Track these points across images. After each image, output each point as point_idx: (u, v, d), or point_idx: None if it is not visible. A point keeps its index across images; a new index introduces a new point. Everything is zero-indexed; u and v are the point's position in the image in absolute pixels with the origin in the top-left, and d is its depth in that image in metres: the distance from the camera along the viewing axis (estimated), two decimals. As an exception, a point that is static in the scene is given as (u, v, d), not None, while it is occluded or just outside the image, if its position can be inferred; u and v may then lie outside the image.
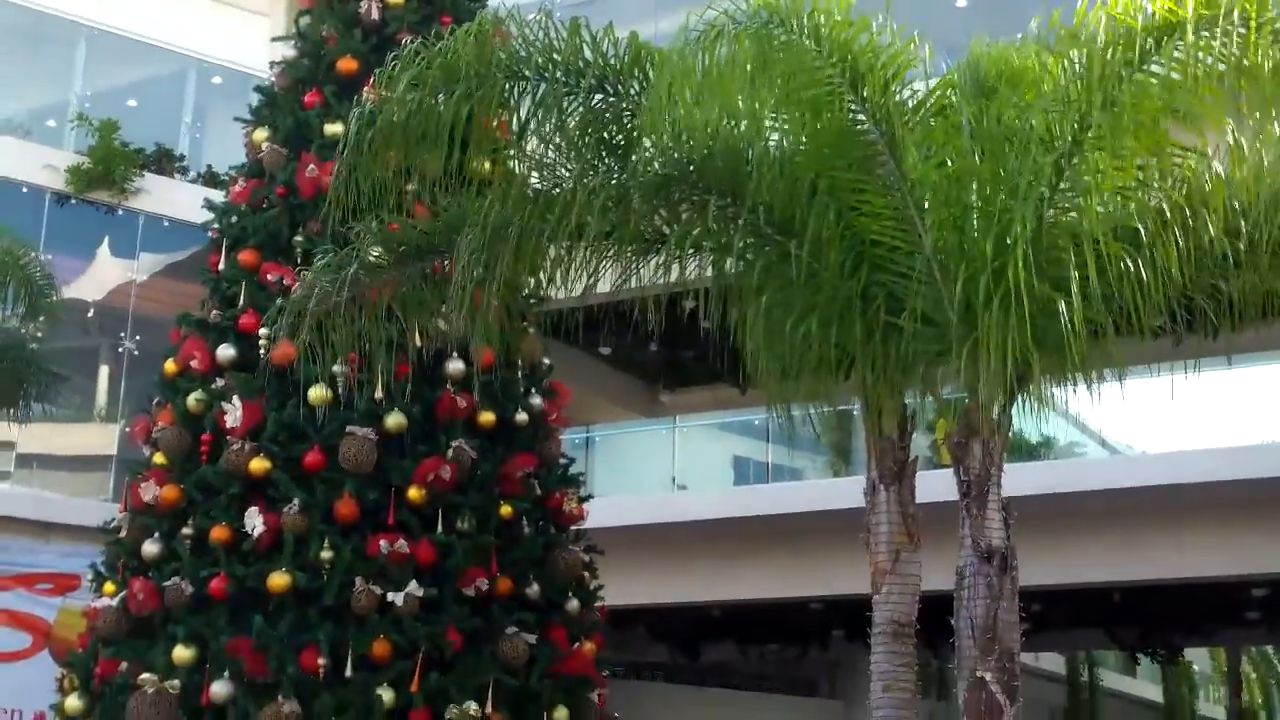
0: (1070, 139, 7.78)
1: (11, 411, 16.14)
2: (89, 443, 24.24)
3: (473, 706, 11.24)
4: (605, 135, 8.54)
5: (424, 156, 9.30)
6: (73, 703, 11.94)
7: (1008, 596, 7.93)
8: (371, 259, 9.44)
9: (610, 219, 8.38)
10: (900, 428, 9.07)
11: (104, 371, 25.05)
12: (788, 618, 25.06)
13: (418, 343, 11.59)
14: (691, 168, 8.28)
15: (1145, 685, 41.02)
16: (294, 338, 9.77)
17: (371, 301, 9.65)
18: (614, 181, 8.41)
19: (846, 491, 16.59)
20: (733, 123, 8.21)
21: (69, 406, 24.65)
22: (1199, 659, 39.68)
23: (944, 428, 16.92)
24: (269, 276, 12.46)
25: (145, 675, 11.28)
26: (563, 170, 8.79)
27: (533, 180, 9.05)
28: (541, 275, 9.60)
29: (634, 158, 8.48)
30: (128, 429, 15.27)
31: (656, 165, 7.96)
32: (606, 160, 8.60)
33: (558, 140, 8.83)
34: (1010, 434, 8.61)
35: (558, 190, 8.51)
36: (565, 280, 9.36)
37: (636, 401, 28.32)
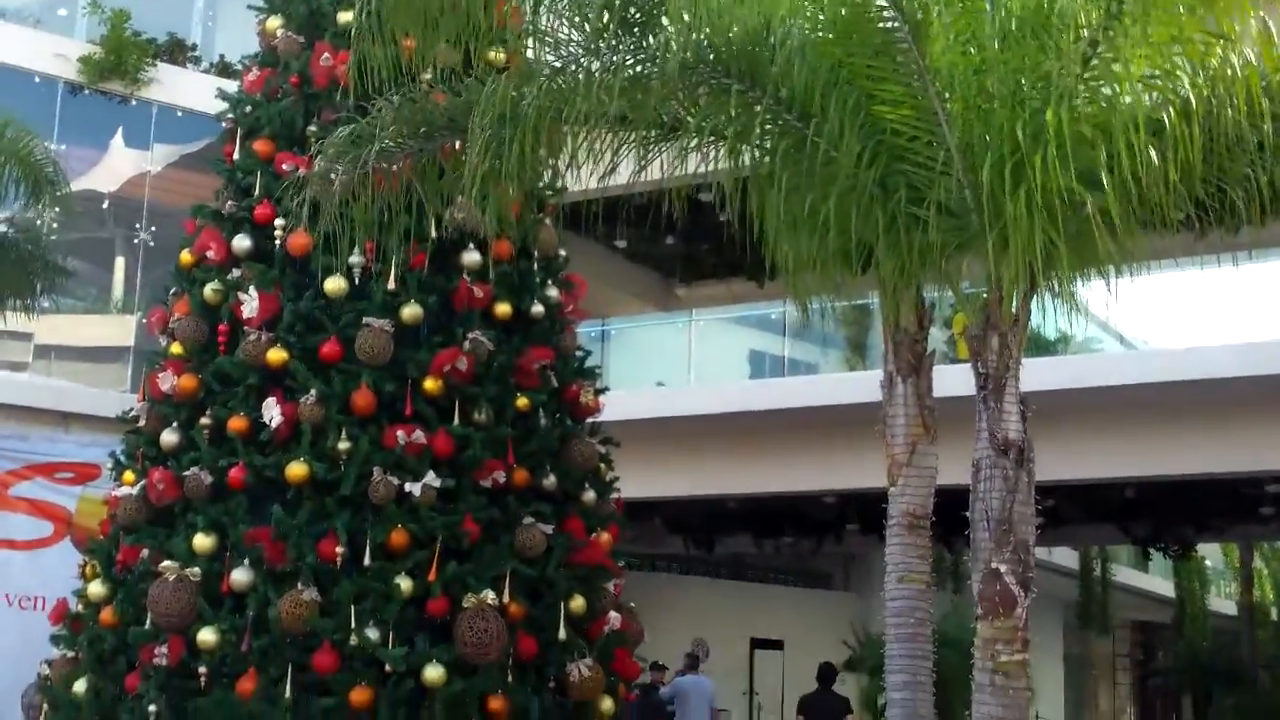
0: (1098, 25, 7.63)
1: (20, 304, 16.13)
2: (106, 334, 24.29)
3: (490, 596, 11.35)
4: (625, 15, 8.38)
5: (440, 42, 9.16)
6: (95, 589, 12.09)
7: (1024, 489, 7.93)
8: (388, 142, 9.32)
9: (628, 101, 8.25)
10: (918, 320, 9.04)
11: (120, 263, 25.03)
12: (803, 511, 25.18)
13: (433, 233, 11.55)
14: (712, 53, 8.15)
15: (1157, 580, 41.28)
16: (309, 223, 9.71)
17: (387, 188, 9.57)
18: (632, 62, 8.27)
19: (862, 385, 16.59)
20: (754, 6, 8.06)
21: (85, 298, 24.69)
22: (1211, 554, 39.88)
23: (961, 322, 16.85)
24: (284, 166, 12.39)
25: (166, 563, 11.41)
26: (579, 50, 8.62)
27: (549, 58, 8.88)
28: (558, 162, 9.49)
29: (652, 40, 8.33)
30: (144, 320, 15.26)
31: (676, 48, 7.81)
32: (624, 40, 8.44)
33: (575, 17, 8.65)
34: (1028, 329, 8.56)
35: (575, 67, 8.35)
36: (582, 170, 9.26)
37: (652, 295, 28.28)
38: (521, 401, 12.24)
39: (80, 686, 11.71)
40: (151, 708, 11.16)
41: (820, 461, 20.20)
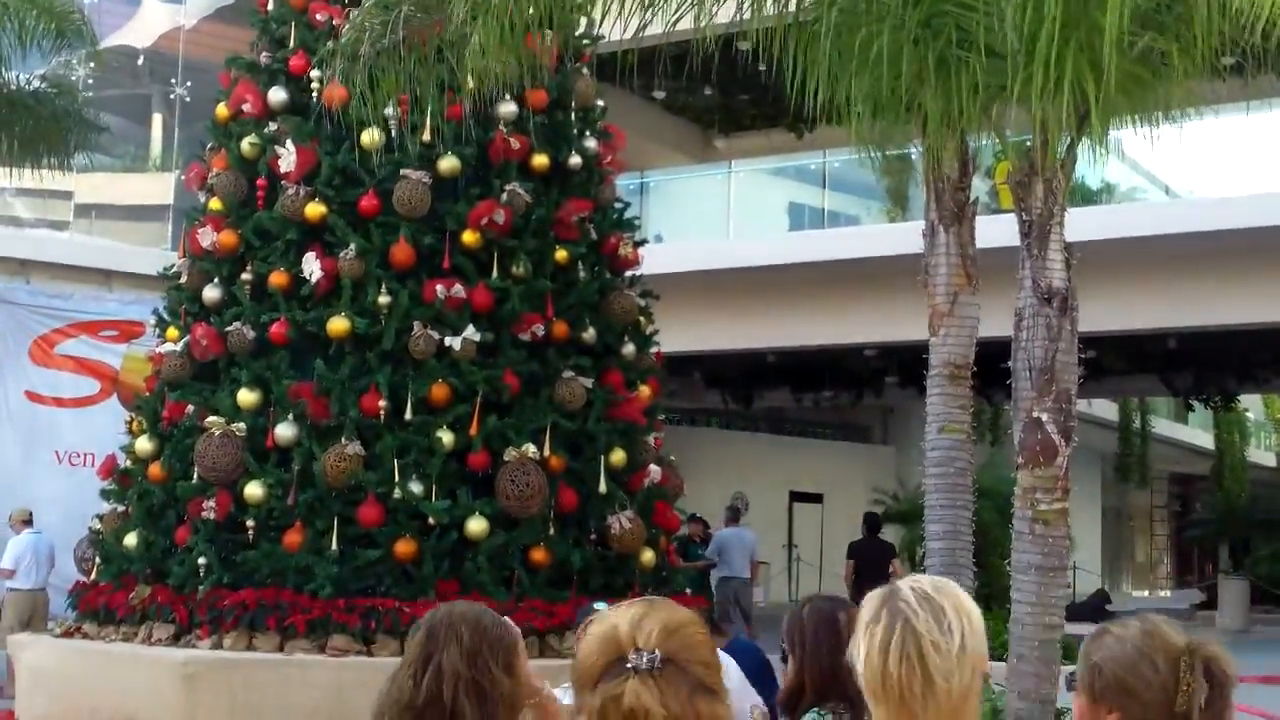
0: None
1: (54, 160, 16.11)
2: (146, 191, 24.32)
3: (530, 449, 11.43)
4: None
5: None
6: (142, 445, 12.25)
7: (1066, 338, 7.84)
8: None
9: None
10: (961, 168, 8.87)
11: (157, 119, 24.98)
12: (842, 364, 25.17)
13: (470, 84, 11.40)
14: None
15: (1196, 432, 41.25)
16: (345, 82, 9.59)
17: (422, 42, 9.42)
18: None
19: (903, 236, 16.43)
20: None
21: (123, 156, 24.68)
22: (1252, 406, 39.77)
23: (1004, 171, 16.63)
24: (318, 16, 12.25)
25: (211, 418, 11.53)
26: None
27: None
28: (592, 10, 9.29)
29: None
30: (183, 177, 15.24)
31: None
32: None
33: None
34: (1072, 179, 8.41)
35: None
36: (618, 17, 9.07)
37: (691, 146, 28.00)
38: (560, 254, 12.20)
39: (131, 540, 11.92)
40: (201, 560, 11.37)
41: (860, 314, 20.13)
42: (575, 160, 12.63)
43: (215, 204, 12.38)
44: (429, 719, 2.88)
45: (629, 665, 1.95)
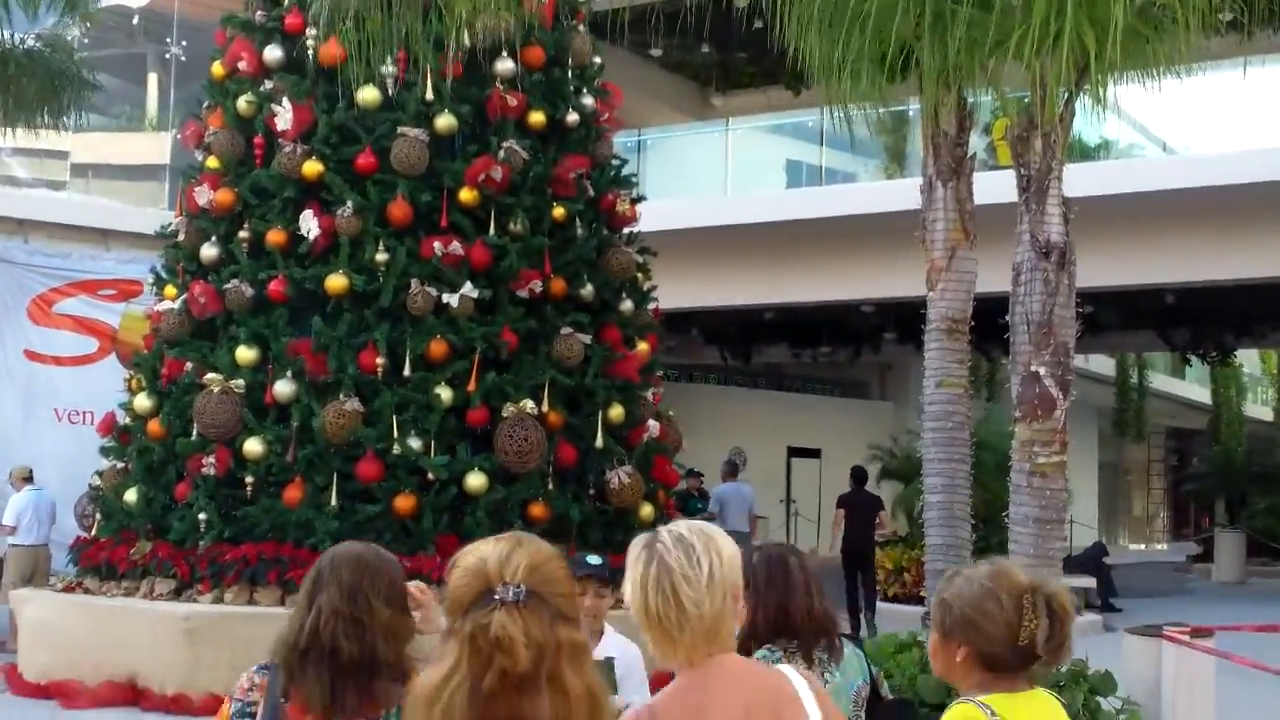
0: None
1: (49, 119, 16.06)
2: (142, 151, 24.25)
3: (529, 404, 11.48)
4: None
5: None
6: (141, 402, 12.28)
7: (1064, 292, 7.86)
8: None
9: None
10: (958, 123, 8.87)
11: (152, 79, 24.88)
12: (840, 321, 25.17)
13: (465, 40, 11.37)
14: None
15: (1193, 387, 41.30)
16: (336, 35, 9.56)
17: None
18: None
19: (901, 193, 16.40)
20: None
21: (119, 116, 24.60)
22: (1249, 361, 39.79)
23: (1003, 127, 16.58)
24: (312, -26, 12.20)
25: (210, 375, 11.57)
26: None
27: None
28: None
29: None
30: (179, 136, 15.20)
31: None
32: None
33: None
34: (1070, 135, 8.40)
35: None
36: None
37: (688, 104, 27.88)
38: (558, 211, 12.21)
39: (131, 496, 11.97)
40: (201, 515, 11.43)
41: (858, 271, 20.13)
42: (572, 117, 12.61)
43: (212, 162, 12.36)
44: (313, 657, 3.15)
45: (496, 597, 2.12)
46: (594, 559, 5.11)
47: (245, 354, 11.60)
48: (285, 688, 3.18)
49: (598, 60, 13.28)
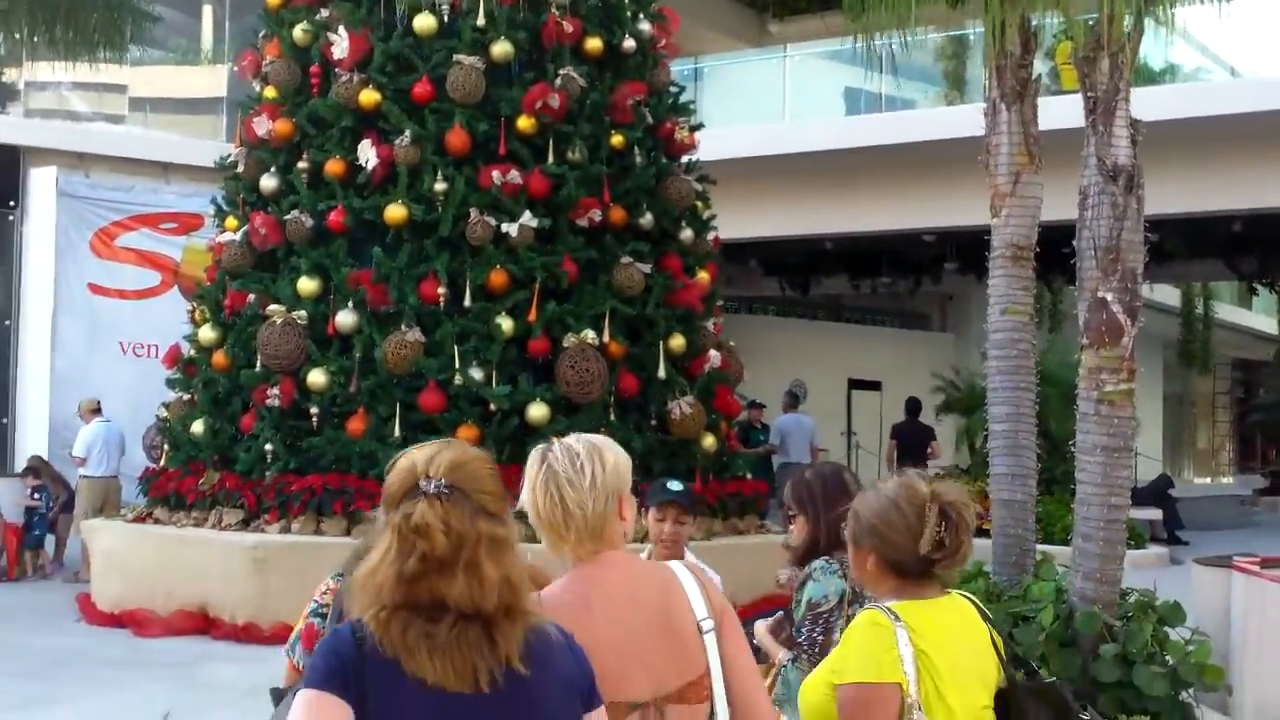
0: None
1: (109, 51, 16.08)
2: (199, 85, 24.29)
3: (590, 334, 11.45)
4: None
5: None
6: (206, 334, 12.37)
7: (1132, 216, 7.71)
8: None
9: None
10: (1023, 43, 8.70)
11: (207, 11, 24.87)
12: (900, 251, 24.91)
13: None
14: None
15: (1259, 318, 40.72)
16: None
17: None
18: None
19: (962, 120, 16.16)
20: None
21: (176, 50, 24.63)
22: (1317, 290, 39.15)
23: (1066, 50, 16.30)
24: (367, -99, 12.12)
25: (273, 306, 11.62)
26: None
27: None
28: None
29: None
30: (236, 69, 15.20)
31: None
32: None
33: None
34: (1138, 55, 8.21)
35: None
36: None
37: (745, 31, 27.57)
38: (616, 139, 12.12)
39: (198, 427, 12.08)
40: (267, 447, 11.53)
41: (919, 199, 19.89)
42: (629, 44, 12.50)
43: (269, 92, 12.36)
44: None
45: (420, 490, 2.39)
46: (675, 484, 5.08)
47: (307, 285, 11.64)
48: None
49: (654, -16, 13.14)
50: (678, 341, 12.19)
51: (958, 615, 3.22)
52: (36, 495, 14.78)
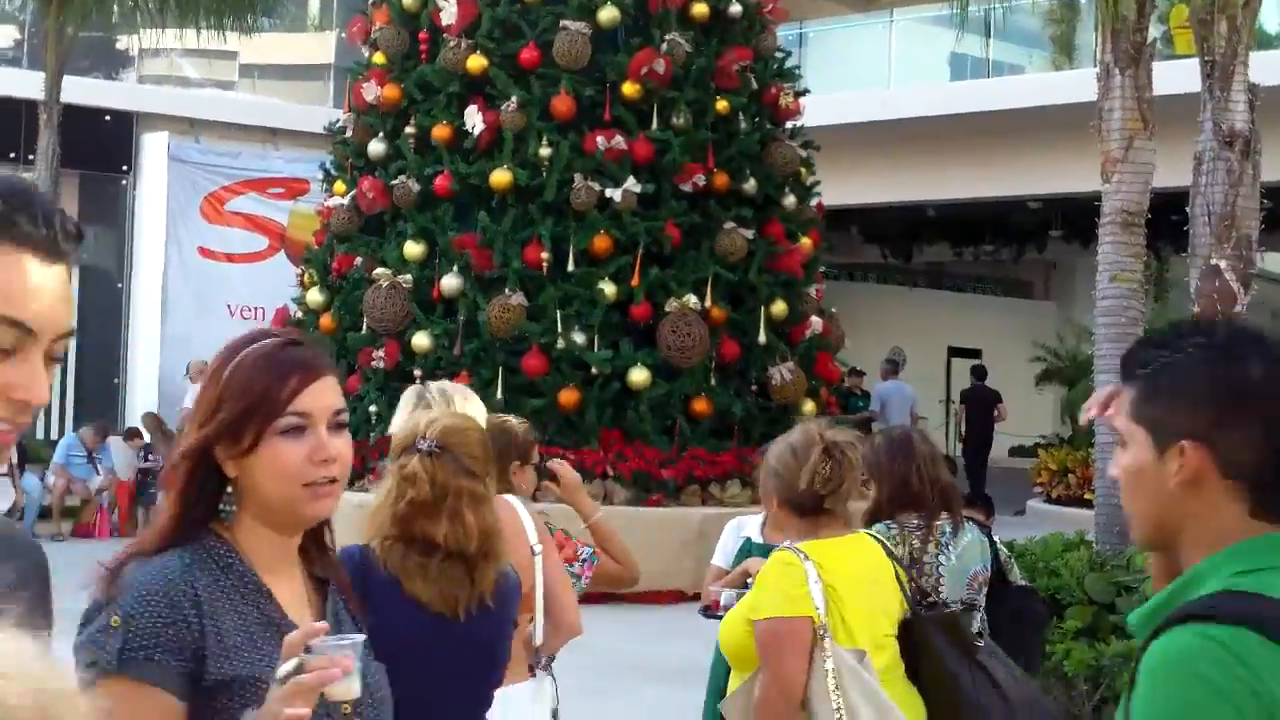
0: None
1: (237, 24, 16.33)
2: (306, 51, 24.59)
3: (692, 299, 11.48)
4: None
5: None
6: (314, 296, 12.56)
7: (1248, 182, 7.60)
8: None
9: None
10: (1139, 6, 8.57)
11: (315, -21, 25.15)
12: (1004, 218, 24.62)
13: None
14: None
15: (1375, 287, 39.84)
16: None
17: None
18: None
19: (1070, 85, 15.94)
20: None
21: (283, 18, 24.93)
22: None
23: (1181, 14, 15.99)
24: None
25: (379, 269, 11.77)
26: None
27: None
28: None
29: None
30: (343, 35, 15.35)
31: None
32: None
33: None
34: (1255, 20, 8.06)
35: None
36: None
37: (850, -4, 27.38)
38: (721, 104, 12.10)
39: (305, 388, 12.27)
40: (372, 408, 11.70)
41: (1024, 165, 19.63)
42: (735, 9, 12.45)
43: (378, 58, 12.49)
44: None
45: (416, 448, 2.88)
46: None
47: (413, 249, 11.78)
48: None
49: (760, -50, 13.07)
50: (779, 307, 12.18)
51: (863, 553, 3.47)
52: (150, 457, 15.10)
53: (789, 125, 12.91)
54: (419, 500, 2.84)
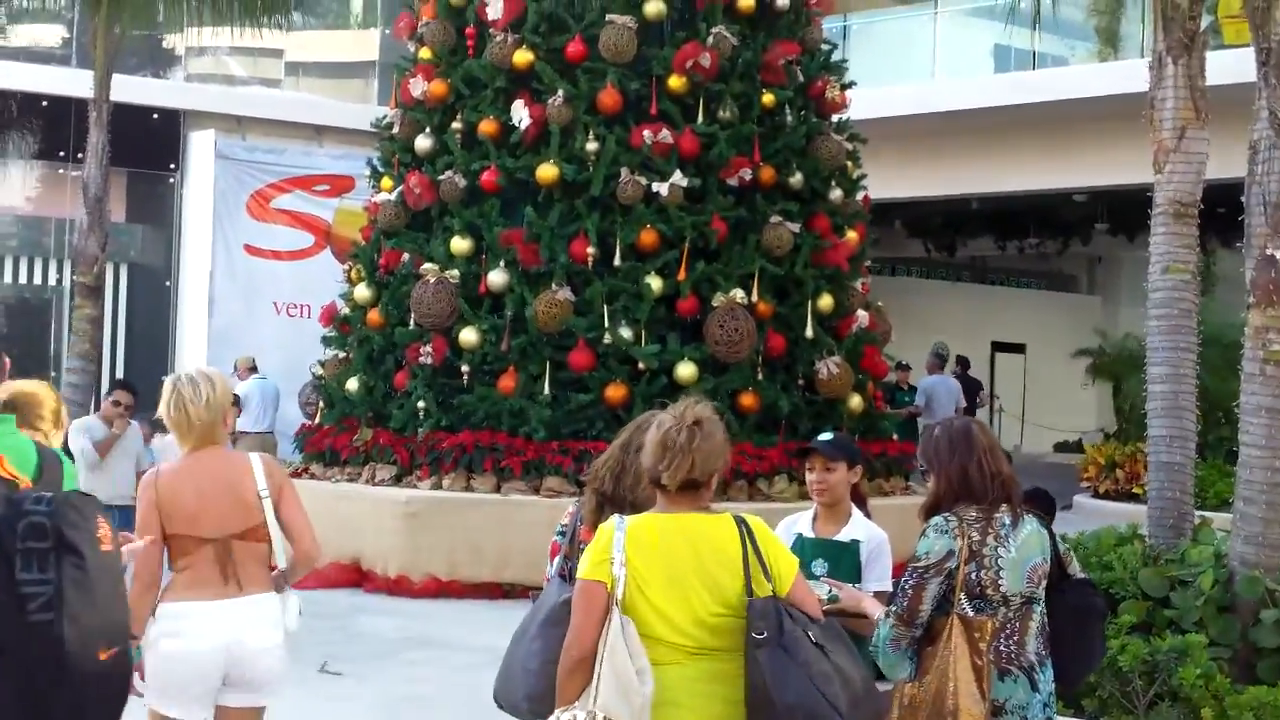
0: None
1: (273, 19, 16.41)
2: (351, 48, 24.65)
3: (739, 294, 11.46)
4: None
5: None
6: (361, 292, 12.61)
7: (1305, 171, 7.50)
8: None
9: None
10: (1192, -6, 8.48)
11: (357, -24, 25.20)
12: (1048, 211, 24.47)
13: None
14: None
15: None
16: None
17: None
18: None
19: (1116, 77, 15.82)
20: None
21: (325, 15, 25.01)
22: None
23: (1228, 4, 15.84)
24: None
25: (427, 265, 11.81)
26: None
27: None
28: None
29: None
30: (388, 32, 15.39)
31: None
32: None
33: None
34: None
35: None
36: None
37: (894, -12, 27.24)
38: (767, 98, 12.07)
39: (352, 384, 12.34)
40: (420, 404, 11.74)
41: (1070, 158, 19.49)
42: (782, 2, 12.41)
43: (425, 53, 12.53)
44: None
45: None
46: (824, 435, 5.12)
47: (460, 244, 11.81)
48: (584, 515, 4.18)
49: (805, -57, 13.02)
50: (826, 301, 12.15)
51: (707, 531, 3.53)
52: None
53: (835, 119, 12.86)
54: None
